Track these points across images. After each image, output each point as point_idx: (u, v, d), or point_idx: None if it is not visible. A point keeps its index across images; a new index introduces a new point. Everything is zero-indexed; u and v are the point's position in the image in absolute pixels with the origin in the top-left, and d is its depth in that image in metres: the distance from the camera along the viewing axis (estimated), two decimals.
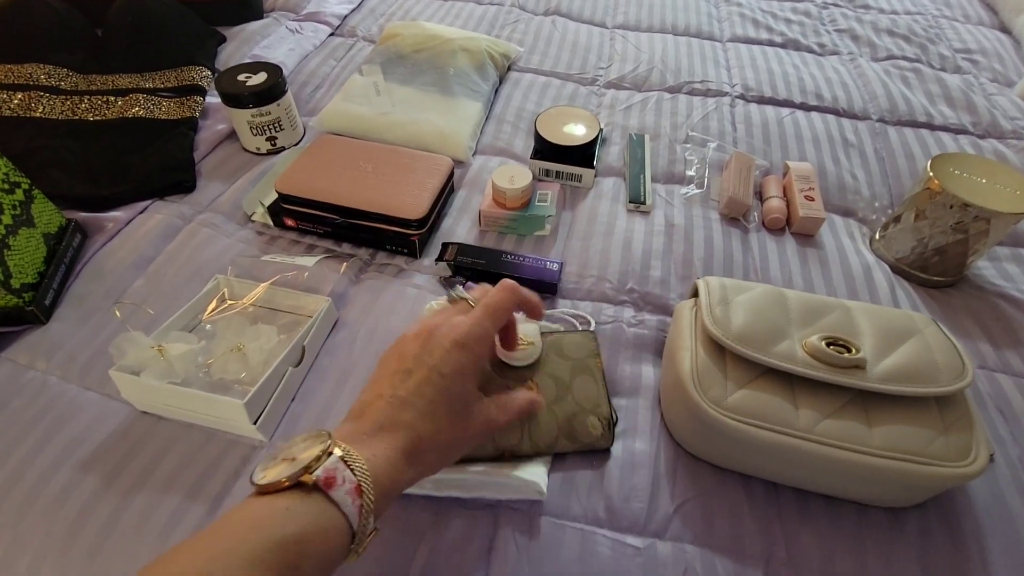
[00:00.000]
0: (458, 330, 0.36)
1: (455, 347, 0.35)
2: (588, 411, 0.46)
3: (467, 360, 0.35)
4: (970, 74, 0.95)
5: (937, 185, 0.58)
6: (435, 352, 0.35)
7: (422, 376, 0.34)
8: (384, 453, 0.31)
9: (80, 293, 0.57)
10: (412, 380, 0.34)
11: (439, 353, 0.35)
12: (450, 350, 0.35)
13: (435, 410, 0.34)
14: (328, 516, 0.27)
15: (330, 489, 0.28)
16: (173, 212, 0.65)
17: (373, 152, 0.66)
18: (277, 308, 0.56)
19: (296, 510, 0.27)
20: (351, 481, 0.28)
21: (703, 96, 0.87)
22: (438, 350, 0.35)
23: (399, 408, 0.33)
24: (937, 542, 0.42)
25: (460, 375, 0.35)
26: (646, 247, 0.64)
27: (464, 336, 0.36)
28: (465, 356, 0.35)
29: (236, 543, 0.25)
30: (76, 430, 0.47)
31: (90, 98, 0.75)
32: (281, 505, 0.27)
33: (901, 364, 0.43)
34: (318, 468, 0.28)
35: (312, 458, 0.28)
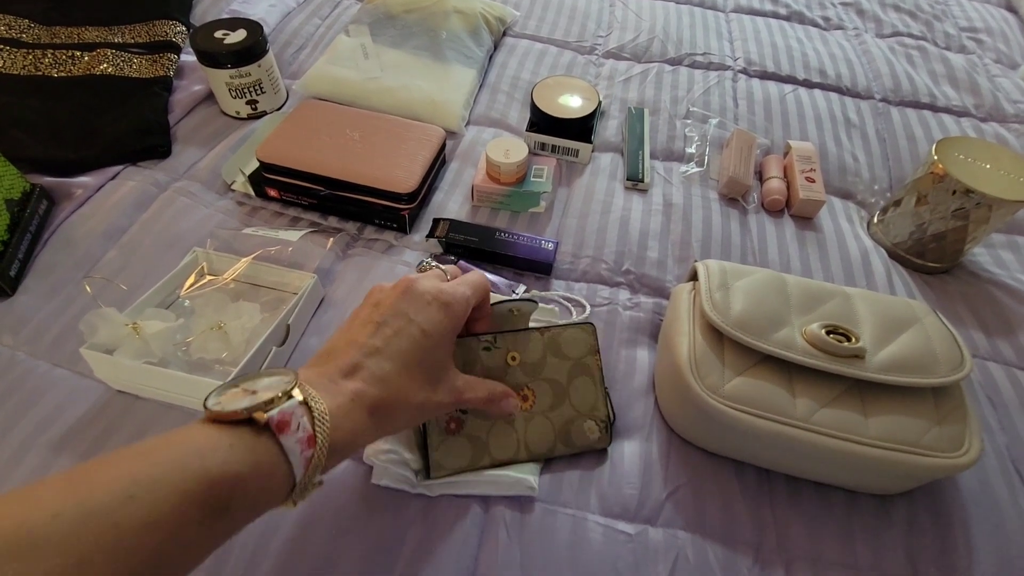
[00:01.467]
0: (441, 287, 0.35)
1: (437, 304, 0.34)
2: (585, 415, 0.45)
3: (447, 321, 0.34)
4: (975, 54, 0.93)
5: (941, 169, 0.56)
6: (415, 304, 0.33)
7: (399, 327, 0.32)
8: (348, 405, 0.29)
9: (48, 264, 0.54)
10: (388, 329, 0.32)
11: (419, 306, 0.33)
12: (431, 304, 0.33)
13: (410, 367, 0.32)
14: (272, 461, 0.26)
15: (281, 433, 0.26)
16: (147, 179, 0.61)
17: (361, 119, 0.63)
18: (260, 284, 0.53)
19: (240, 447, 0.25)
20: (305, 429, 0.26)
21: (705, 69, 0.84)
22: (418, 302, 0.33)
23: (372, 358, 0.31)
24: (924, 529, 0.43)
25: (440, 334, 0.33)
26: (643, 227, 0.62)
27: (448, 295, 0.34)
28: (446, 316, 0.34)
29: (168, 470, 0.23)
30: (47, 409, 0.45)
31: (54, 52, 0.70)
32: (225, 440, 0.25)
33: (900, 354, 0.43)
34: (274, 409, 0.26)
35: (271, 396, 0.26)
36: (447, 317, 0.34)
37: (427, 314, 0.33)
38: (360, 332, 0.32)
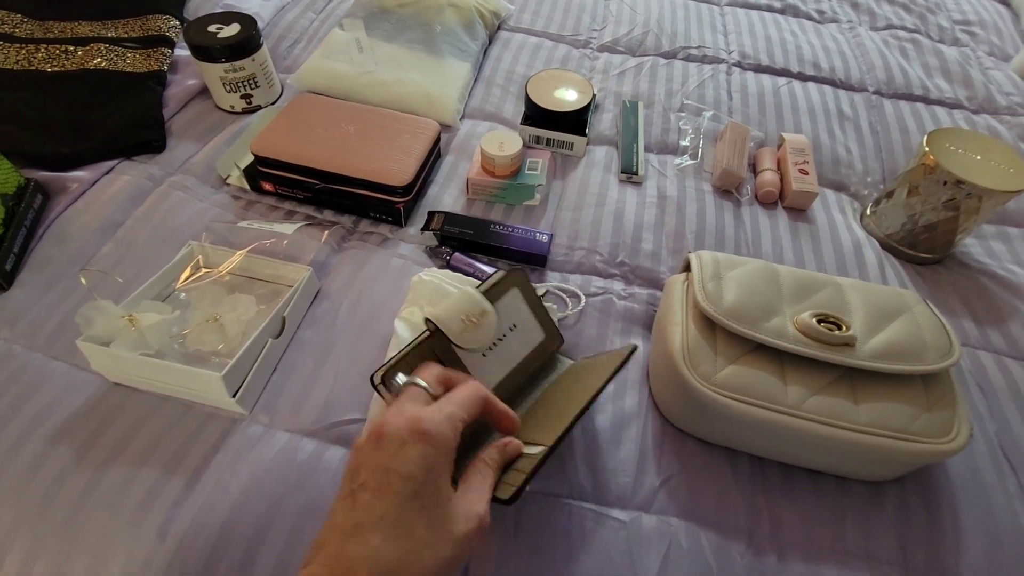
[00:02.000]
0: (417, 416, 0.30)
1: (413, 438, 0.29)
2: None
3: (431, 453, 0.29)
4: (968, 47, 0.93)
5: (932, 161, 0.57)
6: (389, 450, 0.29)
7: (377, 485, 0.28)
8: None
9: (43, 258, 0.54)
10: (365, 495, 0.28)
11: (393, 450, 0.29)
12: (407, 442, 0.29)
13: (404, 525, 0.27)
14: None
15: None
16: (142, 173, 0.61)
17: (356, 113, 0.63)
18: (255, 277, 0.53)
19: None
20: None
21: (699, 63, 0.84)
22: (391, 446, 0.29)
23: (354, 538, 0.27)
24: (914, 515, 0.43)
25: (427, 471, 0.29)
26: (638, 219, 0.62)
27: (426, 422, 0.30)
28: (428, 447, 0.29)
29: None
30: (44, 401, 0.45)
31: (47, 47, 0.70)
32: None
33: (890, 342, 0.43)
34: None
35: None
36: (429, 447, 0.29)
37: (403, 456, 0.29)
38: (339, 511, 0.29)
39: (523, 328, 0.45)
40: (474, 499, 0.31)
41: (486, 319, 0.40)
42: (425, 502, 0.28)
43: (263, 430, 0.44)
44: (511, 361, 0.44)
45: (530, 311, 0.45)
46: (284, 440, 0.44)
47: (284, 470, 0.42)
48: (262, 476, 0.42)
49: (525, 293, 0.45)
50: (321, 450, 0.43)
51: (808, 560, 0.41)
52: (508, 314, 0.43)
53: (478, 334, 0.40)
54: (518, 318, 0.44)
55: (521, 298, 0.44)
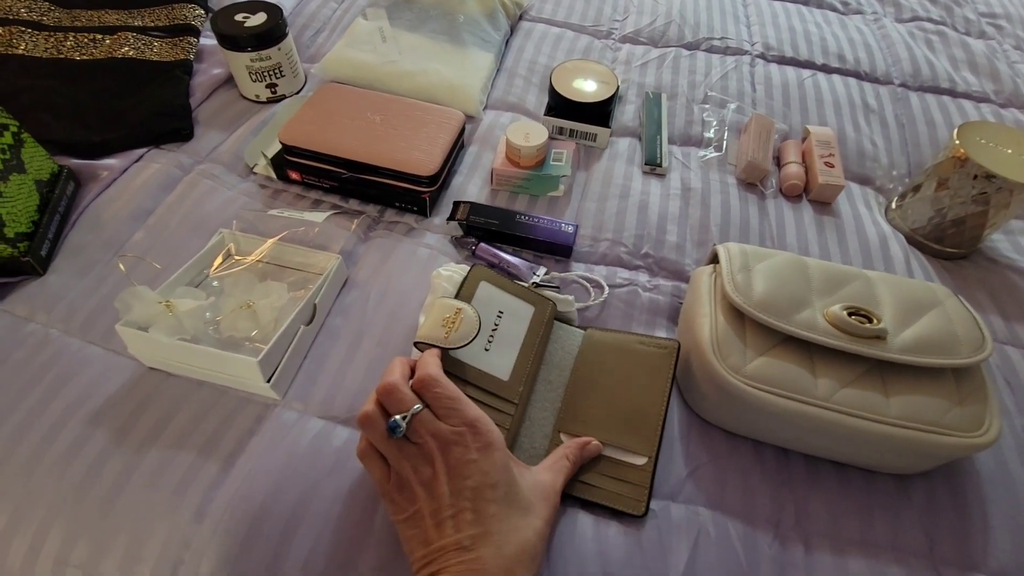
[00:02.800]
0: (462, 433, 0.34)
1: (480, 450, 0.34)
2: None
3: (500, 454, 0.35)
4: (994, 40, 0.92)
5: (963, 154, 0.56)
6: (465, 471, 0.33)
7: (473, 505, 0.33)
8: None
9: (77, 244, 0.55)
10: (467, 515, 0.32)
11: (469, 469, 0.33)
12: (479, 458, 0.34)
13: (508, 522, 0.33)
14: None
15: None
16: (171, 161, 0.62)
17: (381, 103, 0.63)
18: (285, 265, 0.54)
19: None
20: None
21: (722, 54, 0.83)
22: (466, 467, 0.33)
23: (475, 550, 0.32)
24: (942, 508, 0.44)
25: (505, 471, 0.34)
26: (662, 211, 0.62)
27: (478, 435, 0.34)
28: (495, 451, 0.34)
29: None
30: (82, 385, 0.46)
31: (75, 35, 0.70)
32: None
33: (921, 335, 0.43)
34: None
35: None
36: (497, 452, 0.34)
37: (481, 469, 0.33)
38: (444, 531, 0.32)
39: (510, 311, 0.47)
40: (550, 479, 0.37)
41: (461, 314, 0.42)
42: (511, 496, 0.34)
43: (297, 416, 0.45)
44: (515, 343, 0.46)
45: (507, 294, 0.47)
46: (319, 427, 0.45)
47: (319, 456, 0.43)
48: (297, 461, 0.42)
49: (492, 281, 0.47)
50: (355, 438, 0.44)
51: (835, 551, 0.41)
52: (489, 305, 0.46)
53: (461, 330, 0.41)
54: (500, 304, 0.46)
55: (493, 286, 0.47)
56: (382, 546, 0.39)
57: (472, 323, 0.42)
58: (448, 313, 0.42)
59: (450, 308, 0.42)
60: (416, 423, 0.35)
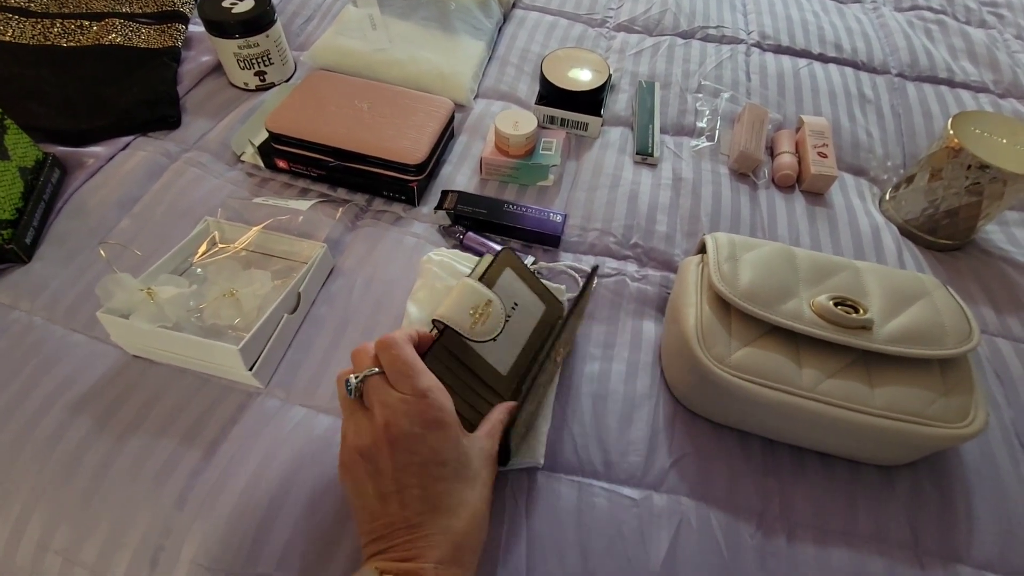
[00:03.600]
0: (418, 409, 0.32)
1: (425, 427, 0.32)
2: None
3: (447, 430, 0.33)
4: (995, 29, 0.90)
5: (957, 144, 0.56)
6: (410, 447, 0.32)
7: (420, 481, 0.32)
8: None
9: (62, 232, 0.54)
10: (415, 490, 0.31)
11: (415, 446, 0.32)
12: (424, 434, 0.32)
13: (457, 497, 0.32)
14: None
15: None
16: (157, 149, 0.62)
17: (369, 91, 0.63)
18: (270, 253, 0.54)
19: None
20: None
21: (717, 43, 0.82)
22: (411, 442, 0.32)
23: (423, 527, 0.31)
24: (926, 500, 0.43)
25: (456, 449, 0.33)
26: (652, 201, 0.62)
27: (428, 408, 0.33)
28: (443, 428, 0.33)
29: None
30: (65, 372, 0.46)
31: (63, 22, 0.70)
32: None
33: (908, 326, 0.43)
34: None
35: None
36: (447, 430, 0.33)
37: (429, 446, 0.32)
38: (389, 507, 0.31)
39: (524, 305, 0.45)
40: (489, 444, 0.36)
41: (491, 308, 0.40)
42: (461, 470, 0.33)
43: (279, 404, 0.45)
44: (520, 340, 0.44)
45: (527, 287, 0.45)
46: (300, 415, 0.45)
47: (300, 444, 0.43)
48: (278, 449, 0.42)
49: (518, 270, 0.45)
50: (337, 426, 0.44)
51: (818, 542, 0.41)
52: (507, 294, 0.43)
53: (488, 324, 0.39)
54: (517, 296, 0.44)
55: (516, 276, 0.44)
56: None
57: (499, 319, 0.40)
58: (479, 302, 0.39)
59: (481, 298, 0.40)
60: (367, 387, 0.34)
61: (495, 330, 0.40)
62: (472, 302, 0.39)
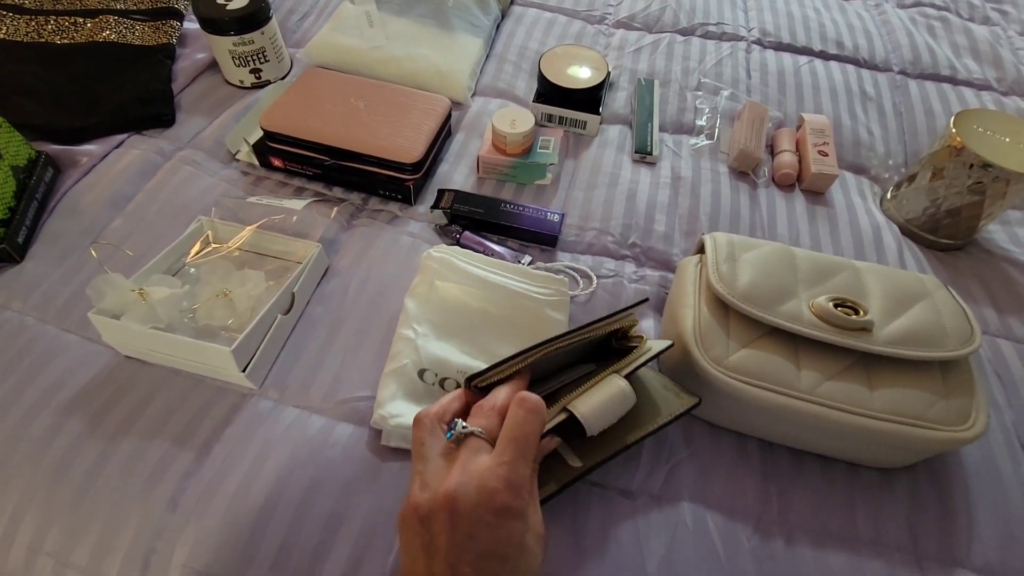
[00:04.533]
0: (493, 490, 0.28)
1: (499, 516, 0.28)
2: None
3: (520, 526, 0.28)
4: (998, 26, 0.89)
5: (959, 142, 0.55)
6: (474, 530, 0.27)
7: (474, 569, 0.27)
8: None
9: (55, 231, 0.54)
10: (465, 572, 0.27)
11: (481, 531, 0.27)
12: (494, 525, 0.28)
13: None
14: None
15: None
16: (151, 147, 0.61)
17: (366, 89, 0.62)
18: (264, 253, 0.53)
19: None
20: None
21: (718, 40, 0.82)
22: (477, 526, 0.27)
23: None
24: (926, 502, 0.43)
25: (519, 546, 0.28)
26: (651, 200, 0.61)
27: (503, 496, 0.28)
28: (517, 523, 0.28)
29: None
30: (57, 373, 0.45)
31: (56, 19, 0.69)
32: None
33: (908, 327, 0.42)
34: None
35: None
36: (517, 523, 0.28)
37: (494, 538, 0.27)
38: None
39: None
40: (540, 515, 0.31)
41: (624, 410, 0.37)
42: (517, 562, 0.28)
43: (273, 405, 0.45)
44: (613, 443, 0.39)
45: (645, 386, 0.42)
46: (293, 416, 0.44)
47: (293, 445, 0.42)
48: (271, 451, 0.42)
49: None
50: (330, 426, 0.43)
51: (816, 545, 0.41)
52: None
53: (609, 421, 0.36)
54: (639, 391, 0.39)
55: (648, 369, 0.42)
56: (356, 536, 0.38)
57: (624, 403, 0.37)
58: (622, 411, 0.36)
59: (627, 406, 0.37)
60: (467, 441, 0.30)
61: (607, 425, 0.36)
62: (617, 411, 0.36)
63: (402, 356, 0.45)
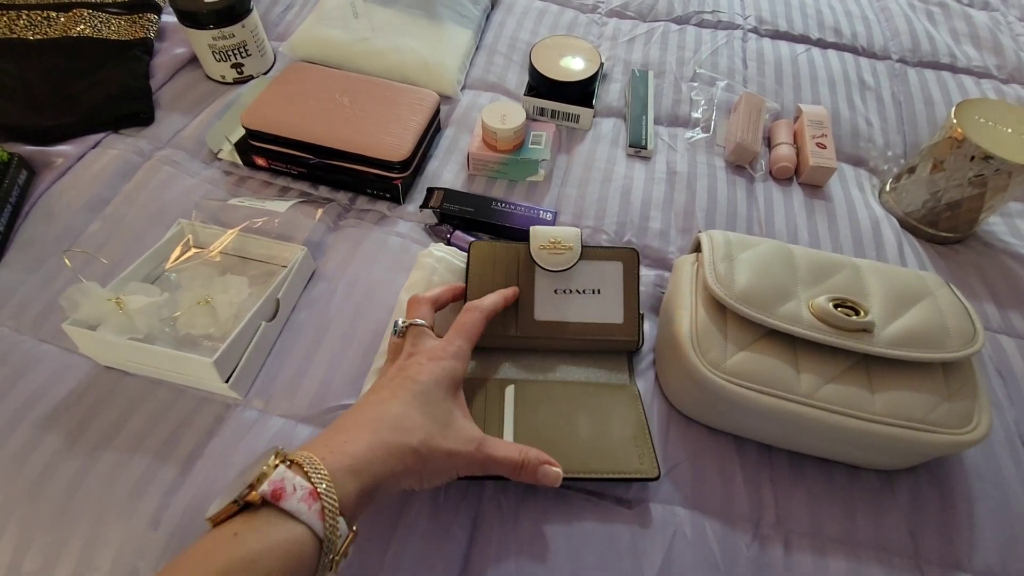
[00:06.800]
0: (431, 347, 0.38)
1: (429, 360, 0.36)
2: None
3: (440, 370, 0.36)
4: (998, 11, 0.88)
5: (960, 134, 0.54)
6: (409, 368, 0.36)
7: (397, 384, 0.35)
8: (345, 448, 0.29)
9: (29, 237, 0.52)
10: (387, 389, 0.34)
11: (413, 368, 0.36)
12: (425, 363, 0.36)
13: (409, 409, 0.33)
14: (284, 530, 0.25)
15: (279, 501, 0.25)
16: (129, 147, 0.59)
17: (351, 83, 0.60)
18: (248, 257, 0.51)
19: (245, 533, 0.25)
20: (304, 487, 0.26)
21: (713, 29, 0.80)
22: (412, 366, 0.36)
23: (369, 407, 0.33)
24: (927, 505, 0.42)
25: (435, 382, 0.35)
26: (646, 196, 0.60)
27: (437, 350, 0.37)
28: (438, 367, 0.36)
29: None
30: (34, 385, 0.44)
31: (28, 13, 0.67)
32: (229, 531, 0.25)
33: (910, 328, 0.41)
34: (264, 484, 0.25)
35: (256, 475, 0.26)
36: (439, 368, 0.36)
37: (417, 368, 0.35)
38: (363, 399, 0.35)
39: (604, 298, 0.46)
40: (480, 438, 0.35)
41: (566, 255, 0.45)
42: (427, 403, 0.34)
43: (258, 415, 0.43)
44: (571, 315, 0.45)
45: (621, 292, 0.46)
46: (279, 425, 0.43)
47: None
48: None
49: (627, 273, 0.46)
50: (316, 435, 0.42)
51: (816, 551, 0.40)
52: (598, 279, 0.46)
53: (552, 260, 0.45)
54: (605, 288, 0.46)
55: (620, 275, 0.46)
56: None
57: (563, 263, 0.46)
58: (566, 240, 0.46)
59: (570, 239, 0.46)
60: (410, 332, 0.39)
61: (554, 267, 0.45)
62: (559, 236, 0.45)
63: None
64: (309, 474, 0.27)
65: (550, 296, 0.46)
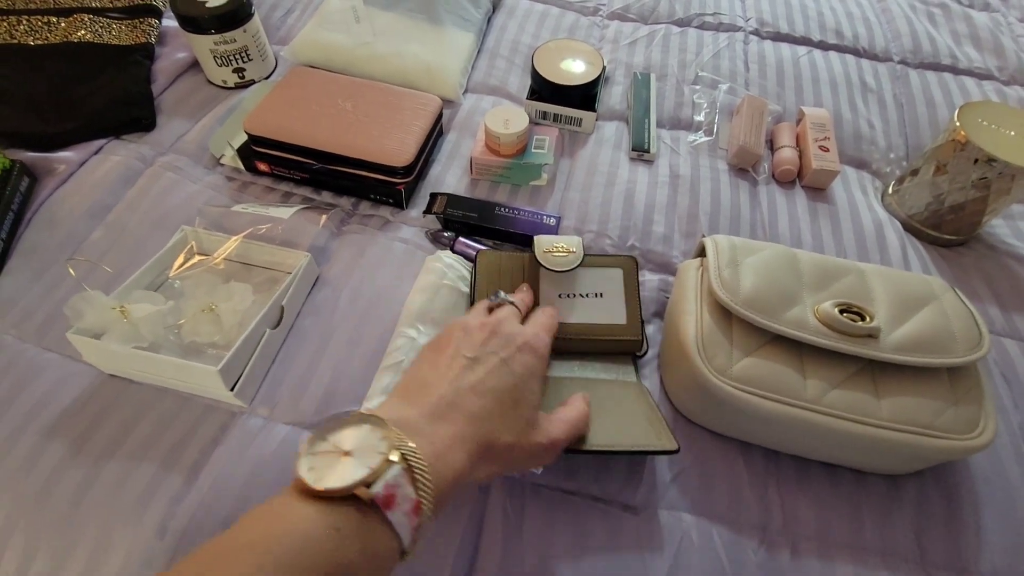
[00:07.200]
0: (527, 333, 0.36)
1: (527, 348, 0.34)
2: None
3: (537, 365, 0.34)
4: (999, 12, 0.88)
5: (963, 137, 0.54)
6: (506, 347, 0.34)
7: (491, 367, 0.32)
8: (448, 453, 0.28)
9: (32, 244, 0.52)
10: (481, 368, 0.32)
11: (510, 350, 0.34)
12: (522, 348, 0.34)
13: (504, 407, 0.31)
14: (381, 540, 0.24)
15: (388, 509, 0.24)
16: (132, 153, 0.59)
17: (353, 88, 0.60)
18: (251, 263, 0.51)
19: (348, 532, 0.23)
20: (410, 499, 0.25)
21: (715, 31, 0.80)
22: (509, 346, 0.34)
23: (467, 396, 0.31)
24: (933, 510, 0.42)
25: (531, 376, 0.33)
26: (649, 200, 0.60)
27: (534, 339, 0.35)
28: (535, 360, 0.34)
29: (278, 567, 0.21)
30: (38, 393, 0.44)
31: (29, 18, 0.66)
32: (331, 523, 0.23)
33: (916, 333, 0.41)
34: (378, 483, 0.24)
35: (370, 468, 0.24)
36: (537, 362, 0.34)
37: (519, 357, 0.34)
38: (450, 368, 0.32)
39: (607, 301, 0.47)
40: (557, 426, 0.35)
41: (570, 256, 0.46)
42: (519, 398, 0.33)
43: (263, 423, 0.43)
44: (575, 317, 0.46)
45: (623, 296, 0.47)
46: (285, 432, 0.43)
47: (285, 464, 0.41)
48: (263, 470, 0.41)
49: (627, 278, 0.48)
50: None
51: (823, 556, 0.40)
52: (600, 283, 0.47)
53: (556, 260, 0.46)
54: (607, 292, 0.47)
55: (621, 280, 0.48)
56: None
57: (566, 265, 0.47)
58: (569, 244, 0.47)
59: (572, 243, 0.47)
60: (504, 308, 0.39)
61: (557, 268, 0.46)
62: (564, 241, 0.47)
63: (399, 354, 0.44)
64: (419, 487, 0.25)
65: (554, 300, 0.46)
